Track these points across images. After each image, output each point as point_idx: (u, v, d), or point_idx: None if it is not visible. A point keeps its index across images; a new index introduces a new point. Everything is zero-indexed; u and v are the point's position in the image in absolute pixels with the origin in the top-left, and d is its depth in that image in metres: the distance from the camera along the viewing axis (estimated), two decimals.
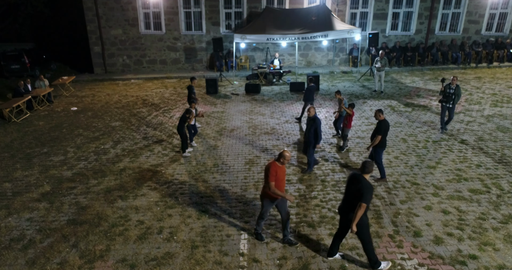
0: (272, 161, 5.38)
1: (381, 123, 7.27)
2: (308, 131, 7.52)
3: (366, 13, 17.13)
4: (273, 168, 5.27)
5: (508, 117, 10.97)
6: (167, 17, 16.99)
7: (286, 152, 5.28)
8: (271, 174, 5.25)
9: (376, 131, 7.28)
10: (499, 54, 17.27)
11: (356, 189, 4.83)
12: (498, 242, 5.68)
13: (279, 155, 5.32)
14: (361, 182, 4.83)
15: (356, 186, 4.85)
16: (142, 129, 10.86)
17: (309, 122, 7.57)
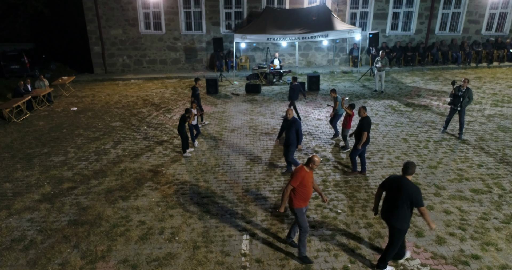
0: (301, 165, 5.14)
1: (364, 120, 7.40)
2: (289, 133, 7.40)
3: (366, 13, 17.12)
4: (300, 173, 4.99)
5: (509, 117, 10.97)
6: (167, 17, 16.97)
7: (315, 157, 5.00)
8: (295, 178, 4.99)
9: (362, 128, 7.38)
10: (499, 54, 17.27)
11: (405, 195, 4.64)
12: (501, 242, 5.67)
13: (308, 160, 5.05)
14: (408, 187, 4.65)
15: (403, 191, 4.65)
16: (142, 129, 10.85)
17: (289, 124, 7.38)
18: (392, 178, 4.92)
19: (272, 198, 7.07)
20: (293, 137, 7.41)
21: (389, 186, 4.91)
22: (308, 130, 10.38)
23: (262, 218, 6.43)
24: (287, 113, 7.40)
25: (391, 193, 4.85)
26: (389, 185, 4.92)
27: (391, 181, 4.90)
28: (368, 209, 6.62)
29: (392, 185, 4.86)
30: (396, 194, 4.76)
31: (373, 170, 8.03)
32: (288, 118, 7.41)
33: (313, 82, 14.35)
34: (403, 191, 4.68)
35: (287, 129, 7.45)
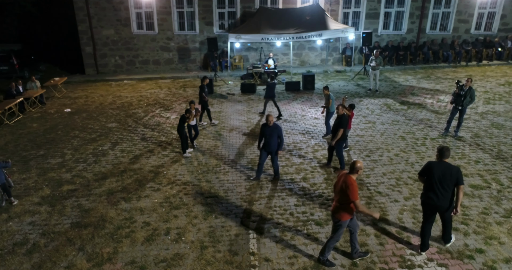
0: (344, 174, 4.91)
1: (342, 117, 7.59)
2: (271, 139, 7.19)
3: (359, 13, 17.29)
4: (355, 183, 4.76)
5: (501, 114, 11.21)
6: (160, 17, 16.84)
7: (358, 163, 4.80)
8: (355, 191, 4.72)
9: (340, 125, 7.53)
10: (488, 53, 17.63)
11: (449, 176, 5.06)
12: (503, 236, 5.80)
13: (352, 168, 4.82)
14: (452, 168, 5.11)
15: (448, 173, 5.06)
16: (139, 130, 10.74)
17: (271, 130, 7.16)
18: (432, 164, 5.23)
19: (276, 197, 7.08)
20: (276, 143, 7.24)
21: (431, 172, 5.18)
22: (306, 129, 10.43)
23: (268, 217, 6.44)
24: (268, 119, 7.12)
25: (435, 178, 5.12)
26: (430, 171, 5.20)
27: (432, 167, 5.20)
28: (371, 206, 6.69)
29: (434, 170, 5.15)
30: (442, 177, 5.09)
31: (373, 167, 8.12)
32: (269, 124, 7.14)
33: (308, 82, 14.42)
34: (447, 173, 5.07)
35: (268, 136, 7.19)
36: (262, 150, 7.43)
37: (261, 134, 7.38)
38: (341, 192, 4.86)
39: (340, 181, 4.91)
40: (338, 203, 4.94)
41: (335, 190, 5.06)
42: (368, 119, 11.05)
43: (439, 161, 5.25)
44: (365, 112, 11.69)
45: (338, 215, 4.96)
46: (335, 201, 5.02)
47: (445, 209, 5.20)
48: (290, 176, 7.86)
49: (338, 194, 4.95)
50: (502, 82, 14.67)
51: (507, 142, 9.24)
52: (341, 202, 4.90)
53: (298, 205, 6.77)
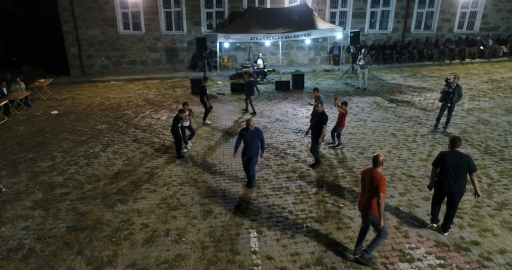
0: (370, 169, 4.99)
1: (323, 115, 7.78)
2: (253, 144, 6.99)
3: (345, 12, 17.49)
4: (384, 176, 4.86)
5: (486, 110, 11.53)
6: (146, 17, 16.65)
7: (381, 156, 4.93)
8: (384, 184, 4.80)
9: (322, 122, 7.73)
10: (471, 51, 18.10)
11: (462, 164, 5.47)
12: (496, 228, 5.97)
13: (376, 162, 4.91)
14: (464, 156, 5.54)
15: (460, 161, 5.49)
16: (130, 132, 10.60)
17: (253, 134, 6.94)
18: (445, 154, 5.60)
19: (273, 195, 7.11)
20: (257, 147, 7.08)
21: (445, 162, 5.54)
22: (299, 128, 10.50)
23: (267, 216, 6.46)
24: (249, 123, 6.84)
25: (449, 166, 5.51)
26: (443, 160, 5.56)
27: (445, 157, 5.56)
28: None
29: (448, 159, 5.53)
30: (454, 165, 5.48)
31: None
32: (250, 129, 6.89)
33: (298, 81, 14.51)
34: (460, 161, 5.48)
35: (250, 140, 6.96)
36: (243, 157, 7.14)
37: (239, 139, 7.06)
38: (372, 188, 4.88)
39: (368, 178, 4.95)
40: (371, 200, 4.94)
41: (363, 188, 5.06)
42: (359, 117, 11.20)
43: (452, 151, 5.65)
44: (356, 110, 11.85)
45: (372, 211, 4.95)
46: (366, 199, 5.00)
47: (457, 195, 5.60)
48: (286, 174, 7.90)
49: (367, 191, 4.97)
50: (485, 79, 15.09)
51: (494, 137, 9.52)
52: (370, 199, 4.93)
53: (296, 203, 6.81)
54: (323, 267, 5.22)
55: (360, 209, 5.19)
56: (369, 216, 5.03)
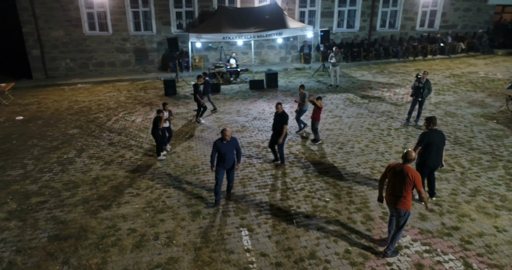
0: (400, 164, 5.08)
1: (283, 115, 7.82)
2: (231, 154, 6.51)
3: (314, 12, 17.84)
4: (418, 173, 5.03)
5: (452, 103, 12.18)
6: (113, 17, 16.14)
7: (412, 153, 5.04)
8: (420, 180, 4.98)
9: (283, 122, 7.78)
10: (432, 48, 19.05)
11: (443, 140, 6.32)
12: (473, 213, 6.34)
13: (408, 159, 5.03)
14: (442, 133, 6.40)
15: (442, 138, 6.29)
16: (105, 135, 10.26)
17: (229, 144, 6.45)
18: (430, 134, 6.23)
19: (260, 193, 7.14)
20: (233, 157, 6.63)
21: (431, 140, 6.21)
22: None
23: (256, 213, 6.49)
24: (225, 134, 6.30)
25: (435, 144, 6.20)
26: (430, 140, 6.21)
27: (431, 136, 6.20)
28: (353, 195, 6.99)
29: (435, 138, 6.22)
30: (439, 143, 6.31)
31: (348, 159, 8.47)
32: (226, 138, 6.35)
33: (271, 80, 14.62)
34: (442, 138, 6.37)
35: (227, 152, 6.42)
36: (219, 168, 6.53)
37: (214, 150, 6.42)
38: (405, 184, 4.97)
39: (399, 173, 5.03)
40: (401, 195, 5.05)
41: (396, 185, 5.09)
42: (334, 114, 11.47)
43: (433, 130, 6.31)
44: (330, 106, 12.12)
45: (405, 206, 5.08)
46: (395, 195, 5.11)
47: (437, 167, 6.46)
48: (270, 172, 7.96)
49: (398, 187, 5.05)
50: (447, 74, 15.92)
51: (461, 128, 10.08)
52: (403, 194, 5.03)
53: (283, 200, 6.88)
54: (317, 260, 5.32)
55: (390, 205, 5.24)
56: (398, 209, 5.13)
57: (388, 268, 5.17)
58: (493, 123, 10.37)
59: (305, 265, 5.24)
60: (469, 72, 16.24)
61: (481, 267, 5.15)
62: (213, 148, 6.47)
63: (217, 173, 6.56)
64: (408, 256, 5.38)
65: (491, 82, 14.60)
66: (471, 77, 15.33)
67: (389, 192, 5.22)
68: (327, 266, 5.21)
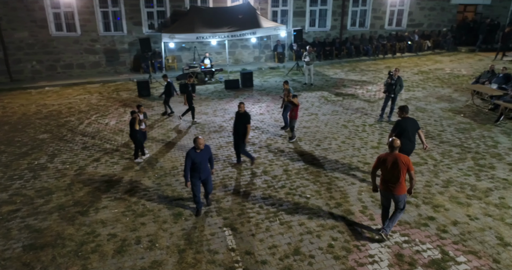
0: (391, 154, 5.37)
1: (246, 114, 7.81)
2: (205, 163, 6.19)
3: (287, 11, 18.01)
4: (408, 157, 5.42)
5: (421, 99, 12.64)
6: (82, 18, 15.64)
7: (396, 140, 5.39)
8: (411, 162, 5.37)
9: (246, 122, 7.75)
10: (400, 46, 19.68)
11: (415, 126, 6.78)
12: (446, 203, 6.62)
13: (393, 146, 5.36)
14: (414, 120, 6.89)
15: (414, 124, 6.75)
16: (78, 139, 9.93)
17: (203, 154, 6.10)
18: (403, 122, 6.77)
19: (241, 192, 7.14)
20: (208, 167, 6.30)
21: (405, 127, 6.72)
22: (254, 125, 10.62)
23: (238, 212, 6.48)
24: (198, 142, 5.96)
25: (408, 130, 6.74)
26: (404, 127, 6.72)
27: (405, 123, 6.73)
28: (332, 190, 7.12)
29: (408, 125, 6.73)
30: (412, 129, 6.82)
31: (326, 155, 8.62)
32: (199, 147, 5.99)
33: (247, 79, 14.64)
34: (414, 124, 6.86)
35: (202, 161, 6.07)
36: (195, 180, 6.15)
37: (189, 161, 5.96)
38: (399, 170, 5.28)
39: (391, 162, 5.32)
40: (398, 181, 5.34)
41: (390, 173, 5.35)
42: (310, 111, 11.63)
43: (406, 118, 6.80)
44: (306, 105, 12.29)
45: (403, 191, 5.42)
46: (392, 182, 5.38)
47: (411, 151, 6.91)
48: (251, 171, 7.97)
49: (393, 174, 5.33)
50: (415, 71, 16.51)
51: (431, 123, 10.48)
52: (400, 180, 5.34)
53: (265, 198, 6.92)
54: (302, 256, 5.39)
55: (387, 192, 5.49)
56: (396, 196, 5.43)
57: (370, 259, 5.31)
58: (460, 117, 10.86)
59: (290, 261, 5.30)
60: (436, 68, 16.90)
61: (457, 254, 5.38)
62: (187, 159, 5.95)
63: (193, 185, 6.16)
64: (388, 247, 5.55)
65: (457, 78, 15.26)
66: (438, 74, 15.96)
67: (386, 181, 5.46)
68: (312, 261, 5.29)
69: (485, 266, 5.15)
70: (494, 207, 6.49)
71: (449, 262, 5.22)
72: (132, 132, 8.16)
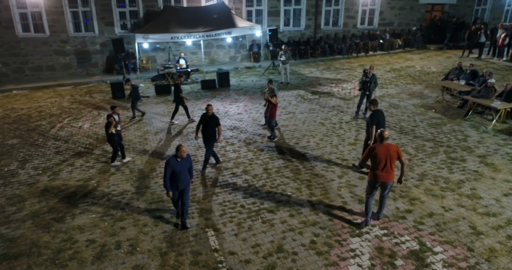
0: (383, 144, 5.60)
1: (214, 116, 7.65)
2: (184, 171, 5.87)
3: (261, 11, 18.06)
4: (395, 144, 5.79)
5: (394, 96, 13.00)
6: (50, 18, 15.09)
7: (385, 131, 5.64)
8: (401, 151, 5.74)
9: (216, 124, 7.63)
10: (373, 45, 20.15)
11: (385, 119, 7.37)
12: (422, 196, 6.84)
13: (383, 137, 5.60)
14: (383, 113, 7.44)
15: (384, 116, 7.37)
16: (50, 144, 9.59)
17: (183, 163, 5.84)
18: (379, 114, 7.25)
19: (222, 192, 7.11)
20: (188, 176, 6.01)
21: (382, 118, 7.25)
22: (233, 125, 10.60)
23: (220, 213, 6.46)
24: (182, 150, 5.71)
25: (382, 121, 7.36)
26: (380, 118, 7.22)
27: (380, 115, 7.26)
28: (312, 187, 7.21)
29: (382, 117, 7.29)
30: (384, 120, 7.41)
31: (305, 153, 8.71)
32: (182, 156, 5.76)
33: (223, 79, 14.58)
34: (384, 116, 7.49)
35: (183, 170, 5.81)
36: (173, 190, 5.86)
37: (169, 170, 5.70)
38: (391, 159, 5.63)
39: (386, 152, 5.59)
40: (390, 169, 5.72)
41: (386, 162, 5.62)
42: (287, 110, 11.72)
43: (377, 110, 7.29)
44: (283, 103, 12.37)
45: (392, 178, 5.82)
46: (390, 169, 5.70)
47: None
48: (231, 170, 7.95)
49: (389, 163, 5.65)
50: (388, 69, 16.95)
51: (405, 119, 10.80)
52: (392, 167, 5.72)
53: (246, 197, 6.92)
54: (285, 253, 5.42)
55: (378, 181, 5.76)
56: (387, 183, 5.82)
57: (352, 254, 5.41)
58: (432, 112, 11.24)
59: (273, 259, 5.32)
60: (407, 66, 17.42)
61: (433, 244, 5.57)
62: (167, 168, 5.66)
63: (173, 195, 5.88)
64: (369, 241, 5.68)
65: (427, 75, 15.79)
66: (409, 71, 16.45)
67: (382, 169, 5.69)
68: (295, 258, 5.33)
69: (460, 255, 5.36)
70: (466, 198, 6.76)
71: (427, 253, 5.40)
72: (108, 136, 7.95)
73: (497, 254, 5.36)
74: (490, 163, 8.02)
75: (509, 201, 6.63)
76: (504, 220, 6.12)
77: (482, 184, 7.20)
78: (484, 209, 6.42)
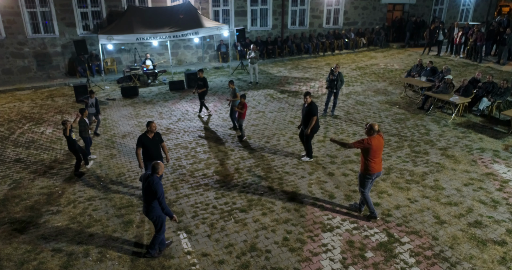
0: (376, 136, 5.68)
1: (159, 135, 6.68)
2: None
3: (228, 11, 18.02)
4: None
5: (360, 93, 13.36)
6: (5, 19, 14.34)
7: (375, 124, 5.73)
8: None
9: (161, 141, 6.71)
10: (338, 44, 20.61)
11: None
12: (389, 189, 7.07)
13: (374, 129, 5.67)
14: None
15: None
16: (9, 151, 9.12)
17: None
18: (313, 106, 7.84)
19: (193, 194, 7.04)
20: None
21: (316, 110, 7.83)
22: (203, 126, 10.52)
23: (192, 215, 6.39)
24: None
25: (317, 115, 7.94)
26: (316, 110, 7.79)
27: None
28: (284, 185, 7.28)
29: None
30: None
31: (275, 151, 8.78)
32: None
33: (191, 80, 14.42)
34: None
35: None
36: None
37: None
38: (381, 150, 5.81)
39: (379, 144, 5.72)
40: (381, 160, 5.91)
41: (380, 153, 5.81)
42: (257, 109, 11.77)
43: (311, 102, 7.91)
44: (253, 103, 12.41)
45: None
46: (380, 161, 5.85)
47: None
48: (202, 172, 7.89)
49: (380, 153, 5.84)
50: (353, 67, 17.39)
51: (371, 115, 11.13)
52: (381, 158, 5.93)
53: (218, 198, 6.88)
54: (259, 252, 5.44)
55: (378, 172, 5.90)
56: (380, 172, 5.95)
57: (324, 248, 5.51)
58: (396, 108, 11.65)
59: (247, 258, 5.33)
60: (371, 64, 17.95)
61: (401, 235, 5.78)
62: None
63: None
64: (340, 235, 5.81)
65: (390, 72, 16.34)
66: (373, 69, 16.97)
67: (378, 161, 5.81)
68: (269, 256, 5.37)
69: (425, 244, 5.59)
70: (430, 189, 7.06)
71: (395, 244, 5.59)
72: (69, 144, 7.60)
73: (459, 241, 5.64)
74: (450, 155, 8.42)
75: (468, 191, 7.00)
76: (465, 208, 6.45)
77: (444, 176, 7.55)
78: (446, 199, 6.74)
